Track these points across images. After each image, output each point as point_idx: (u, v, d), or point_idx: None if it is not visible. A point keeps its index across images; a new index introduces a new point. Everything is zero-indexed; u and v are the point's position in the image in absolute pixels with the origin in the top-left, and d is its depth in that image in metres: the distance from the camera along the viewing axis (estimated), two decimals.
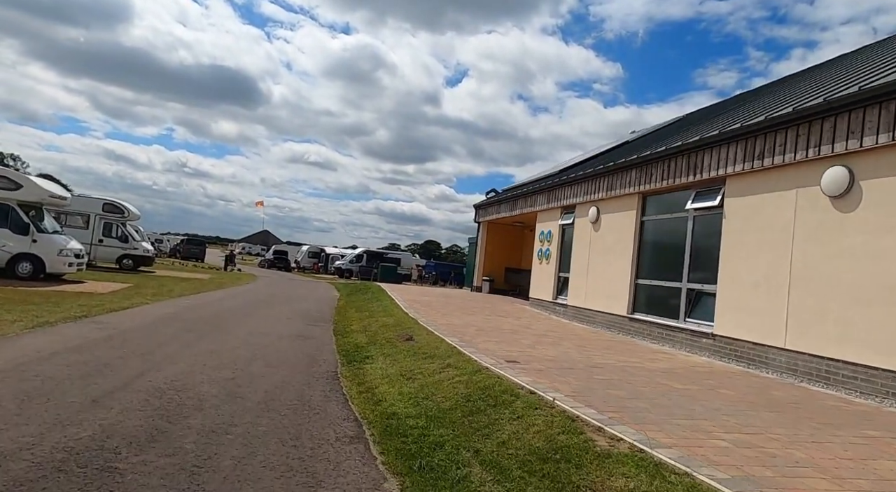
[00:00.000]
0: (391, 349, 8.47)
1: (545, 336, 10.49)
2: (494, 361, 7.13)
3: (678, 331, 10.10)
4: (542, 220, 17.07)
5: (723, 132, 9.16)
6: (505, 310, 15.67)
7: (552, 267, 15.97)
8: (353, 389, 6.23)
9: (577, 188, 14.73)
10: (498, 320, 12.76)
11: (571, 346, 9.35)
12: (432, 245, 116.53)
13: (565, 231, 15.72)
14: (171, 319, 10.44)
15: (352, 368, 7.41)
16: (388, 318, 12.01)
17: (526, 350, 8.39)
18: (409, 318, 11.89)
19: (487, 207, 22.68)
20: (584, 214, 14.16)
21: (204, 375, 6.23)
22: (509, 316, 14.05)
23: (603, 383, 6.18)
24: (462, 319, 12.30)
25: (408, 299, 16.15)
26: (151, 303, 12.73)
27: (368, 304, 15.60)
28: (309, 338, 9.93)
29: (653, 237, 11.64)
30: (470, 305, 16.14)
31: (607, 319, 12.54)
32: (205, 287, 18.59)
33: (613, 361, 7.94)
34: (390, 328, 10.55)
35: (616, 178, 12.73)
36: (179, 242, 49.25)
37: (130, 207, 23.26)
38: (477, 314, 13.73)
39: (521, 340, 9.54)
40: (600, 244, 13.33)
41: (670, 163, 10.70)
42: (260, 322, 11.31)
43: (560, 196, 15.76)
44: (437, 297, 18.59)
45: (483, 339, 9.34)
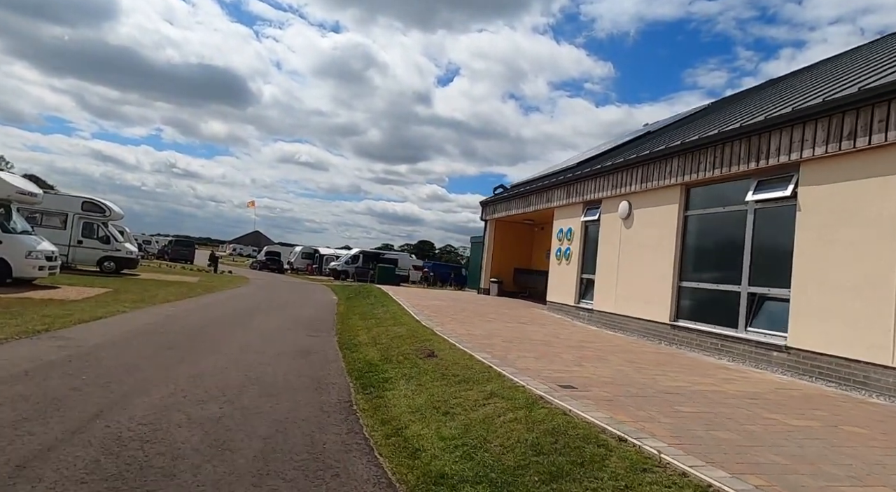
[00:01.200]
0: (412, 369, 7.06)
1: (583, 348, 9.12)
2: (546, 386, 5.75)
3: (737, 342, 8.76)
4: (561, 216, 15.71)
5: (797, 110, 7.82)
6: (523, 315, 14.29)
7: (573, 268, 14.61)
8: (377, 429, 4.82)
9: (603, 181, 13.37)
10: (521, 328, 11.38)
11: (621, 362, 7.98)
12: (426, 245, 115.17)
13: (588, 228, 14.37)
14: (149, 333, 8.97)
15: (369, 395, 5.99)
16: (399, 327, 10.60)
17: (573, 369, 7.02)
18: (423, 326, 10.50)
19: (495, 203, 21.30)
20: (613, 209, 12.81)
21: (183, 412, 4.80)
22: (532, 323, 12.67)
23: (697, 421, 4.81)
24: (482, 328, 10.91)
25: (416, 304, 14.75)
26: (130, 311, 11.25)
27: (373, 309, 14.18)
28: (311, 353, 8.50)
29: (700, 234, 10.30)
30: (484, 310, 14.76)
31: (644, 327, 11.19)
32: (192, 292, 17.09)
33: (683, 383, 6.57)
34: (404, 340, 9.14)
35: (653, 168, 11.38)
36: (167, 244, 47.48)
37: (112, 206, 21.68)
38: (496, 321, 12.34)
39: (560, 355, 8.16)
40: (633, 242, 11.98)
41: (724, 149, 9.36)
42: (253, 334, 9.86)
43: (582, 190, 14.40)
44: (446, 300, 17.19)
45: (517, 353, 7.96)
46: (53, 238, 18.26)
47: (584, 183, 14.34)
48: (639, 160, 11.80)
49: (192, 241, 48.76)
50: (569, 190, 15.17)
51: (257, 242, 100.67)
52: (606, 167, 13.09)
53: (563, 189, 15.50)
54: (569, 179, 15.08)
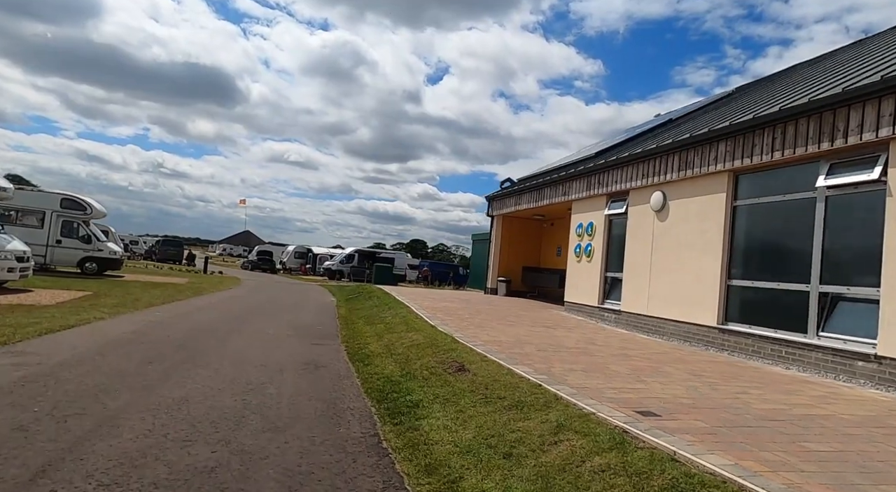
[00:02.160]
0: (443, 388, 5.87)
1: (629, 358, 7.96)
2: (622, 414, 4.58)
3: (807, 349, 7.63)
4: (580, 210, 14.56)
5: (888, 78, 6.69)
6: (544, 318, 13.12)
7: (596, 266, 13.47)
8: (422, 482, 3.62)
9: (631, 170, 12.23)
10: (549, 334, 10.21)
11: (683, 375, 6.82)
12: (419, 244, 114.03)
13: (613, 222, 13.23)
14: (128, 344, 7.71)
15: (399, 426, 4.78)
16: (414, 333, 9.40)
17: (637, 386, 5.85)
18: (440, 332, 9.31)
19: (503, 198, 20.12)
20: (644, 200, 11.67)
21: (163, 459, 3.59)
22: (556, 326, 11.51)
23: (847, 466, 3.65)
24: (506, 333, 9.73)
25: (425, 306, 13.55)
26: (108, 318, 9.97)
27: (379, 312, 12.96)
28: (319, 366, 7.28)
29: (753, 226, 9.17)
30: (500, 312, 13.58)
31: (685, 331, 10.06)
32: (180, 294, 15.78)
33: (779, 405, 5.42)
34: (424, 350, 7.95)
35: (693, 154, 10.24)
36: (155, 244, 45.87)
37: (94, 204, 20.30)
38: (518, 325, 11.17)
39: (609, 367, 7.00)
40: (669, 237, 10.84)
41: (786, 128, 8.22)
42: (250, 343, 8.62)
43: (606, 181, 13.25)
44: (456, 301, 15.99)
45: (561, 366, 6.79)
46: (29, 238, 16.92)
47: (607, 173, 13.19)
48: (676, 146, 10.65)
49: (180, 241, 47.16)
50: (589, 181, 14.02)
51: (248, 241, 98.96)
52: (636, 155, 11.94)
53: (583, 180, 14.35)
54: (590, 169, 13.92)
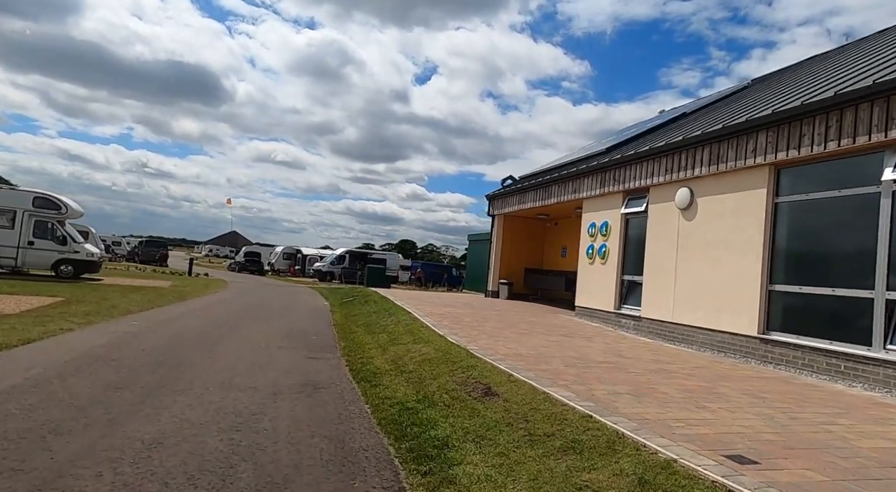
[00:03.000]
0: (472, 418, 4.89)
1: (670, 374, 7.04)
2: (712, 461, 3.65)
3: (873, 364, 6.76)
4: (592, 209, 13.65)
5: None
6: (557, 325, 12.19)
7: (611, 269, 12.56)
8: None
9: (651, 165, 11.33)
10: (569, 344, 9.27)
11: (745, 398, 5.90)
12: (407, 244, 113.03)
13: (630, 222, 12.33)
14: (96, 361, 6.64)
15: (428, 478, 3.78)
16: (424, 345, 8.41)
17: (705, 417, 4.92)
18: (451, 344, 8.34)
19: (505, 197, 19.17)
20: (667, 197, 10.78)
21: None
22: (573, 334, 10.57)
23: None
24: (524, 344, 8.78)
25: (428, 312, 12.55)
26: (78, 329, 8.87)
27: (379, 319, 11.95)
28: (318, 387, 6.27)
29: (799, 225, 8.30)
30: (509, 318, 12.62)
31: (718, 341, 9.17)
32: (162, 299, 14.64)
33: (885, 442, 4.51)
34: (437, 366, 6.97)
35: (726, 147, 9.35)
36: (137, 245, 44.31)
37: (70, 202, 19.04)
38: (533, 334, 10.21)
39: (656, 388, 6.06)
40: (698, 237, 9.95)
41: (842, 115, 7.35)
42: (238, 358, 7.58)
43: (623, 177, 12.35)
44: (458, 306, 15.01)
45: (602, 388, 5.86)
46: None
47: (624, 169, 12.29)
48: (706, 138, 9.76)
49: (164, 241, 45.62)
50: (603, 178, 13.12)
51: (234, 242, 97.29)
52: (658, 149, 11.04)
53: (596, 177, 13.44)
54: (604, 165, 13.01)
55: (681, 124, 13.45)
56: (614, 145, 14.54)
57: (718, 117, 11.34)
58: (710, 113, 13.09)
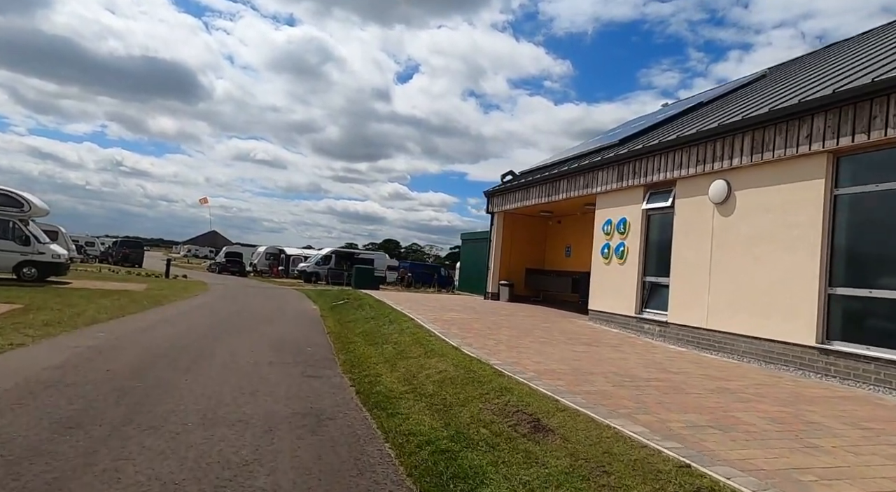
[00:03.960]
0: (529, 467, 3.78)
1: (737, 394, 6.01)
2: None
3: None
4: (608, 205, 12.63)
5: None
6: (574, 331, 11.13)
7: (631, 269, 11.55)
8: None
9: (679, 156, 10.33)
10: (599, 355, 8.22)
11: (854, 430, 4.87)
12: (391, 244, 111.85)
13: (652, 218, 11.33)
14: (47, 389, 5.40)
15: None
16: (438, 359, 7.29)
17: (831, 463, 3.88)
18: (471, 358, 7.23)
19: (506, 194, 18.09)
20: (698, 191, 9.79)
21: None
22: (596, 343, 9.52)
23: None
24: (551, 356, 7.71)
25: (431, 318, 11.41)
26: (32, 343, 7.59)
27: (379, 327, 10.78)
28: (324, 420, 5.12)
29: (865, 220, 7.33)
30: (521, 324, 11.52)
31: (766, 350, 8.19)
32: (135, 305, 13.29)
33: None
34: (464, 388, 5.86)
35: (773, 133, 8.37)
36: (112, 245, 42.32)
37: (33, 200, 17.51)
38: (554, 343, 9.14)
39: (739, 417, 5.01)
40: (737, 234, 8.97)
41: None
42: (221, 379, 6.37)
43: (643, 170, 11.34)
44: (463, 310, 13.87)
45: (675, 418, 4.80)
46: None
47: (646, 161, 11.28)
48: (746, 124, 8.78)
49: (140, 242, 43.71)
50: (621, 171, 12.10)
51: (214, 242, 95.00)
52: (687, 138, 10.04)
53: (612, 170, 12.42)
54: (622, 157, 11.99)
55: (704, 112, 12.48)
56: (627, 137, 13.54)
57: (747, 104, 10.38)
58: (735, 101, 12.14)
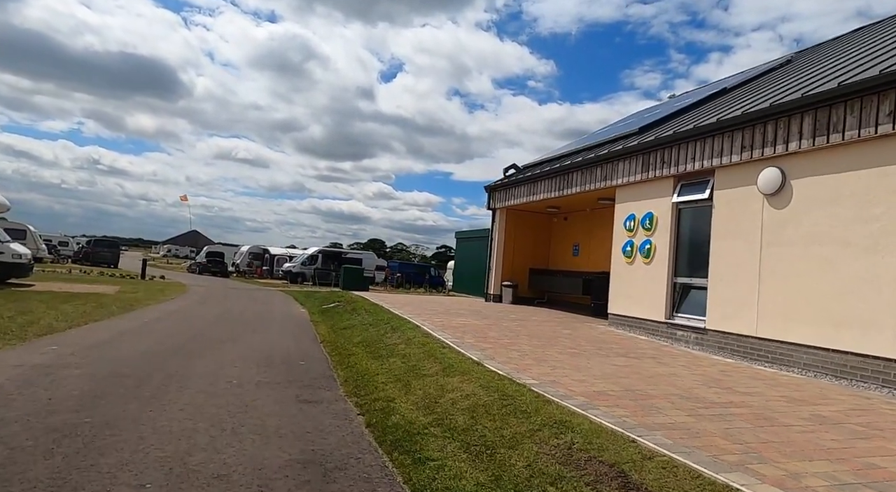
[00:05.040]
0: None
1: (844, 426, 4.85)
2: None
3: None
4: (631, 198, 11.47)
5: None
6: (598, 338, 9.94)
7: (659, 270, 10.41)
8: None
9: (718, 142, 9.19)
10: (643, 369, 7.03)
11: None
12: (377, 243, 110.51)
13: (683, 212, 10.20)
14: None
15: None
16: (461, 378, 6.03)
17: None
18: (499, 376, 6.00)
19: (509, 188, 16.86)
20: (744, 180, 8.67)
21: None
22: (631, 353, 8.34)
23: None
24: (590, 372, 6.51)
25: (438, 323, 10.14)
26: None
27: (380, 334, 9.49)
28: (330, 471, 3.84)
29: None
30: (540, 331, 10.29)
31: (838, 364, 7.06)
32: (102, 310, 11.83)
33: None
34: (505, 420, 4.62)
35: (842, 112, 7.25)
36: (86, 244, 40.30)
37: None
38: (585, 354, 7.93)
39: (880, 466, 3.84)
40: (795, 229, 7.85)
41: None
42: (197, 411, 5.04)
43: (673, 159, 10.19)
44: (469, 315, 12.60)
45: (806, 471, 3.61)
46: None
47: (677, 149, 10.13)
48: (806, 103, 7.65)
49: (115, 241, 41.69)
50: (647, 160, 10.94)
51: (195, 242, 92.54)
52: (729, 121, 8.91)
53: (636, 160, 11.26)
54: (648, 145, 10.83)
55: (732, 98, 11.37)
56: (649, 124, 12.41)
57: (791, 84, 9.30)
58: (769, 84, 11.06)
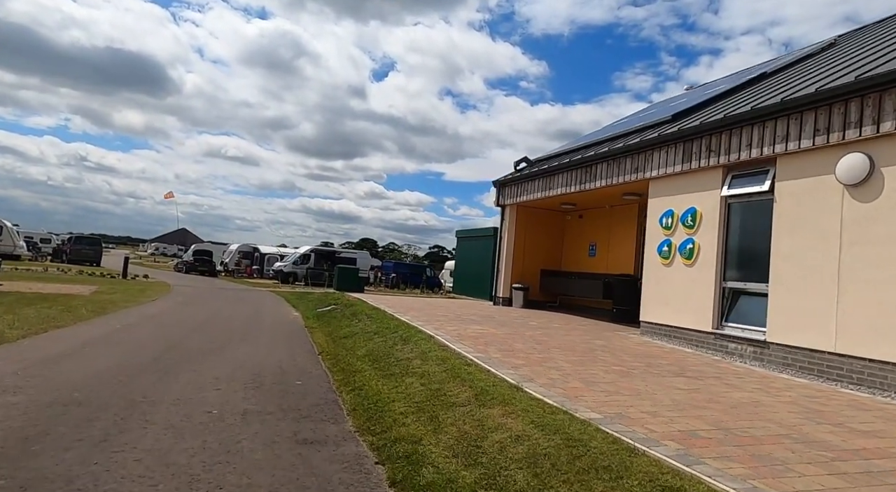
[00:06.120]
0: None
1: None
2: None
3: None
4: (667, 192, 10.24)
5: None
6: (642, 353, 8.68)
7: (705, 272, 9.18)
8: None
9: (782, 125, 7.97)
10: (712, 393, 5.77)
11: None
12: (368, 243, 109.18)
13: (733, 207, 8.98)
14: None
15: None
16: (501, 409, 4.75)
17: None
18: (553, 409, 4.73)
19: (522, 183, 15.56)
20: (817, 170, 7.46)
21: None
22: (689, 372, 7.09)
23: None
24: (658, 402, 5.25)
25: (455, 333, 8.85)
26: None
27: (388, 346, 8.17)
28: None
29: None
30: (571, 342, 9.01)
31: None
32: (67, 315, 10.41)
33: None
34: (586, 485, 3.35)
35: None
36: (66, 241, 38.50)
37: None
38: (640, 376, 6.67)
39: None
40: (887, 227, 6.63)
41: None
42: (160, 461, 3.70)
43: (722, 146, 8.96)
44: (484, 321, 11.28)
45: None
46: None
47: (727, 135, 8.90)
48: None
49: (97, 238, 39.85)
50: (687, 149, 9.71)
51: (184, 240, 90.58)
52: (795, 101, 7.68)
53: (675, 149, 10.02)
54: (690, 131, 9.59)
55: (776, 81, 10.17)
56: (684, 110, 11.17)
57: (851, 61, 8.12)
58: (822, 63, 9.87)
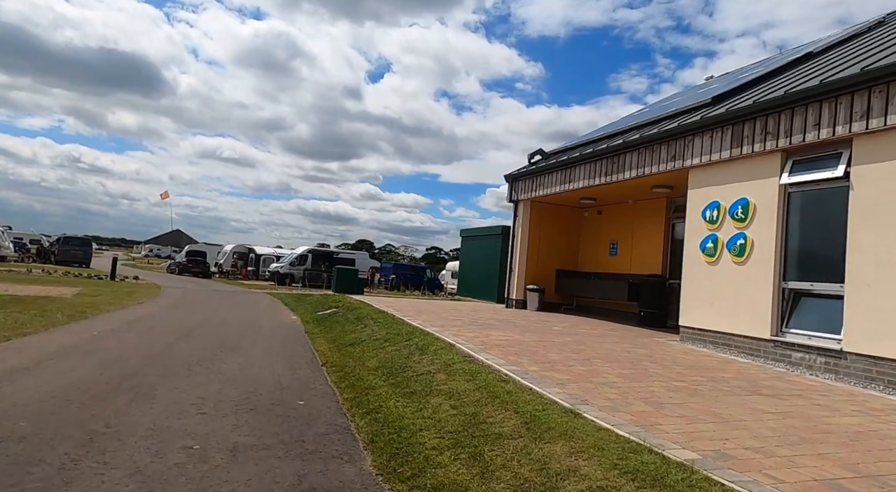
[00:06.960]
0: None
1: None
2: None
3: None
4: (712, 181, 9.18)
5: None
6: (695, 365, 7.60)
7: (760, 270, 8.12)
8: None
9: (856, 102, 6.91)
10: (806, 419, 4.71)
11: None
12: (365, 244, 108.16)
13: (794, 197, 7.93)
14: None
15: None
16: (569, 446, 3.67)
17: None
18: (634, 445, 3.65)
19: (537, 177, 14.48)
20: None
21: None
22: (762, 388, 6.02)
23: None
24: (756, 433, 4.18)
25: (479, 341, 7.76)
26: None
27: (406, 358, 7.07)
28: None
29: None
30: (605, 351, 7.92)
31: None
32: (40, 320, 9.27)
33: None
34: None
35: None
36: (53, 242, 37.21)
37: None
38: (709, 394, 5.59)
39: None
40: None
41: None
42: None
43: (779, 128, 7.91)
44: (507, 327, 10.17)
45: None
46: None
47: (787, 114, 7.85)
48: None
49: (87, 239, 38.56)
50: (737, 132, 8.65)
51: (178, 241, 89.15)
52: (878, 71, 6.63)
53: (719, 132, 8.96)
54: (739, 112, 8.53)
55: (826, 60, 9.13)
56: (722, 94, 10.11)
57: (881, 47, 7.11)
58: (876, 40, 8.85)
